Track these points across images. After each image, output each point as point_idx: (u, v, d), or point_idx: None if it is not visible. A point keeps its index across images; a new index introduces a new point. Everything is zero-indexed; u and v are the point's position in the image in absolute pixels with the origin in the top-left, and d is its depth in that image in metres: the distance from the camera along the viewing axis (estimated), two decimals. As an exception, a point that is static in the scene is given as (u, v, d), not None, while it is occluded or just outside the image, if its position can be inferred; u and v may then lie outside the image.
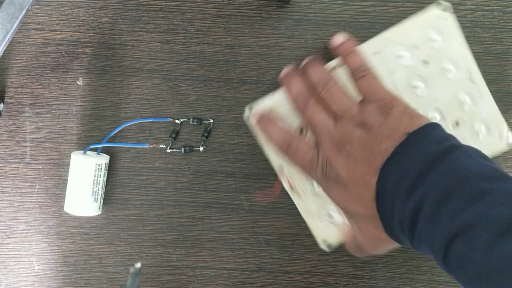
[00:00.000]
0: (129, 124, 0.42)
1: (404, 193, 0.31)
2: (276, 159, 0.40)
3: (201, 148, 0.42)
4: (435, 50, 0.40)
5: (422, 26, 0.40)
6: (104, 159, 0.40)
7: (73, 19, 0.41)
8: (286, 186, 0.41)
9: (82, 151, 0.40)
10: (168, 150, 0.42)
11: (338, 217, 0.40)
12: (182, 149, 0.42)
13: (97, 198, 0.40)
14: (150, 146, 0.42)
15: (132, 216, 0.43)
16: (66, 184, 0.40)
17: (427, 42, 0.40)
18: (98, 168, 0.40)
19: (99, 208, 0.41)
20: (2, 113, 0.42)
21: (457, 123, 0.40)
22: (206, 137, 0.42)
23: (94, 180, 0.40)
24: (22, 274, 0.43)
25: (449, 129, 0.40)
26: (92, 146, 0.41)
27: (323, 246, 0.41)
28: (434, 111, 0.40)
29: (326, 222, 0.41)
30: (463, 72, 0.40)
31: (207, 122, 0.42)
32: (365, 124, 0.35)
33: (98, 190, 0.40)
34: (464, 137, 0.40)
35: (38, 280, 0.43)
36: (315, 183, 0.40)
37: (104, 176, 0.41)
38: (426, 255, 0.42)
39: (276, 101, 0.40)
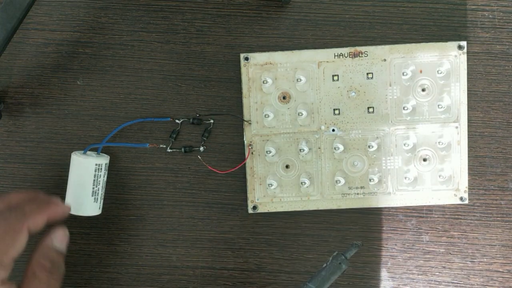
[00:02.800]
0: (129, 124, 0.42)
1: None
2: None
3: (201, 148, 0.42)
4: (437, 82, 0.40)
5: (435, 54, 0.40)
6: (104, 159, 0.40)
7: (73, 19, 0.41)
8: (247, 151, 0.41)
9: (82, 151, 0.40)
10: (169, 150, 0.42)
11: (276, 190, 0.41)
12: (183, 149, 0.42)
13: (97, 198, 0.40)
14: (150, 146, 0.42)
15: (132, 216, 0.43)
16: (66, 184, 0.40)
17: (433, 71, 0.40)
18: (98, 168, 0.40)
19: (99, 208, 0.41)
20: (2, 113, 0.42)
21: (424, 159, 0.41)
22: (207, 137, 0.42)
23: (94, 180, 0.40)
24: (22, 274, 0.43)
25: (415, 162, 0.41)
26: (92, 146, 0.41)
27: (249, 206, 0.41)
28: (407, 138, 0.40)
29: (264, 188, 0.41)
30: (452, 116, 0.40)
31: (207, 122, 0.42)
32: None
33: (98, 190, 0.40)
34: (426, 174, 0.41)
35: (38, 280, 0.43)
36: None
37: (104, 176, 0.41)
38: (426, 255, 0.42)
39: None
